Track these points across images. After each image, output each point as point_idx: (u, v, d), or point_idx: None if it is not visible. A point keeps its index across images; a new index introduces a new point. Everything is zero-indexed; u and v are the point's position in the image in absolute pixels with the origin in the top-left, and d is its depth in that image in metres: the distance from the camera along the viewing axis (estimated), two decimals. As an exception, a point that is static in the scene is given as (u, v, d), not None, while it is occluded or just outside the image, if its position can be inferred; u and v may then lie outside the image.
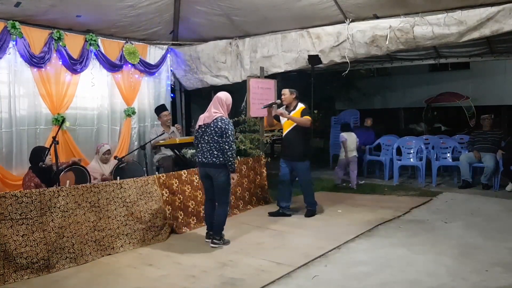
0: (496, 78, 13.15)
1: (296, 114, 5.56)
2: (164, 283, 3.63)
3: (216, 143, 4.40)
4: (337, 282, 3.58)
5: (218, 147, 4.40)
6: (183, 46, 8.21)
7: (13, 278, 3.64)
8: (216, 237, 4.52)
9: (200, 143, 4.53)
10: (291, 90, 5.69)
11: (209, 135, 4.44)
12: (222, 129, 4.37)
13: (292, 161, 5.66)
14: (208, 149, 4.44)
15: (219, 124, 4.40)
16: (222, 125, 4.38)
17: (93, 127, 6.88)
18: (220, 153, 4.40)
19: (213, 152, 4.42)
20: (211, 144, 4.43)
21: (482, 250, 4.22)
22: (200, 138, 4.53)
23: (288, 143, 5.68)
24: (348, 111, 11.54)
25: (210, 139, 4.43)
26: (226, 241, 4.62)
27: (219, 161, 4.40)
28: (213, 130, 4.41)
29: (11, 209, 3.69)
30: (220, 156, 4.40)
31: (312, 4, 6.52)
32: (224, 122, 4.42)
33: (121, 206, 4.50)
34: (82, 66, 6.59)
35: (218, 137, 4.39)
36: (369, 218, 5.42)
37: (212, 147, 4.42)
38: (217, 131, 4.39)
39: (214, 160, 4.41)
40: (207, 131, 4.46)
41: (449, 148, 7.98)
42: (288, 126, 5.64)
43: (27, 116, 6.05)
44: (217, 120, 4.43)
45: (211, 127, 4.44)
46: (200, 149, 4.53)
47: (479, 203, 6.29)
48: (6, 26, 5.68)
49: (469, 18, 5.83)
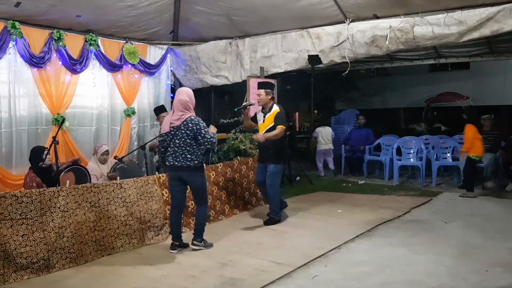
0: (496, 78, 13.14)
1: (271, 117, 5.27)
2: (164, 283, 3.63)
3: (189, 146, 4.25)
4: (337, 282, 3.58)
5: (192, 150, 4.26)
6: (183, 46, 8.21)
7: (13, 278, 3.63)
8: (197, 238, 4.39)
9: (170, 147, 4.32)
10: (267, 90, 5.32)
11: (180, 138, 4.26)
12: (194, 130, 4.22)
13: (265, 163, 5.37)
14: (180, 153, 4.26)
15: (189, 126, 4.23)
16: (193, 127, 4.22)
17: (93, 127, 6.89)
18: (193, 156, 4.26)
19: (186, 156, 4.25)
20: (183, 148, 4.26)
21: (482, 250, 4.22)
22: (170, 142, 4.33)
23: (262, 146, 5.39)
24: (348, 111, 11.54)
25: (182, 142, 4.25)
26: (208, 244, 4.45)
27: (193, 164, 4.26)
28: (185, 133, 4.24)
29: (11, 209, 3.69)
30: (194, 159, 4.26)
31: (312, 4, 6.53)
32: (194, 123, 4.24)
33: (121, 206, 4.50)
34: (82, 66, 6.60)
35: (191, 139, 4.24)
36: (369, 218, 5.42)
37: (185, 151, 4.25)
38: (189, 134, 4.23)
39: (188, 163, 4.25)
40: (177, 134, 4.27)
41: (449, 148, 7.98)
42: (263, 129, 5.33)
43: (27, 116, 6.06)
44: (187, 122, 4.24)
45: (181, 130, 4.25)
46: (171, 152, 4.32)
47: (479, 203, 6.29)
48: (6, 26, 5.68)
49: (469, 18, 5.83)
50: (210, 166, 5.76)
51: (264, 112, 5.38)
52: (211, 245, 4.47)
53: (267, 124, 5.29)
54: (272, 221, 5.32)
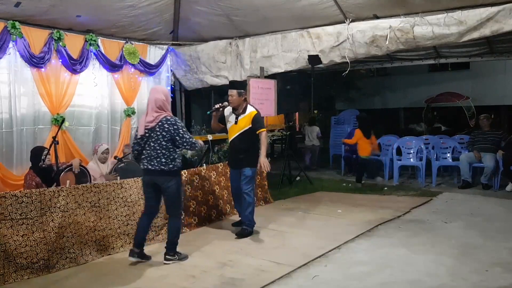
0: (496, 78, 13.16)
1: (246, 119, 4.87)
2: (164, 283, 3.63)
3: (165, 148, 3.94)
4: (337, 282, 3.58)
5: (167, 154, 3.95)
6: (183, 46, 8.21)
7: (13, 278, 3.64)
8: (169, 253, 4.07)
9: (146, 149, 4.02)
10: (239, 91, 4.89)
11: (155, 141, 3.96)
12: (171, 131, 3.92)
13: (239, 168, 4.92)
14: (155, 156, 3.96)
15: (165, 127, 3.92)
16: (170, 128, 3.92)
17: (93, 127, 6.89)
18: (169, 160, 3.96)
19: (160, 160, 3.95)
20: (158, 151, 3.95)
21: (482, 250, 4.22)
22: (145, 145, 4.02)
23: (237, 149, 4.94)
24: (348, 111, 11.54)
25: (157, 145, 3.95)
26: (183, 256, 4.13)
27: (168, 168, 3.95)
28: (160, 135, 3.93)
29: (11, 209, 3.68)
30: (169, 164, 3.96)
31: (312, 4, 6.53)
32: (170, 123, 3.94)
33: (122, 206, 4.49)
34: (82, 66, 6.60)
35: (167, 142, 3.94)
36: (369, 218, 5.42)
37: (160, 154, 3.95)
38: (165, 136, 3.93)
39: (162, 167, 3.94)
40: (152, 136, 3.97)
41: (449, 148, 7.98)
42: (236, 131, 4.91)
43: (27, 116, 6.05)
44: (162, 122, 3.94)
45: (156, 131, 3.95)
46: (145, 155, 4.03)
47: (479, 203, 6.29)
48: (6, 26, 5.68)
49: (469, 18, 5.83)
50: (211, 166, 5.76)
51: (236, 114, 4.93)
52: (186, 257, 4.15)
53: (241, 126, 4.88)
54: (246, 232, 4.84)
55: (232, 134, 4.98)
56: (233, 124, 4.96)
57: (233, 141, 4.99)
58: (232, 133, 4.98)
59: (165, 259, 4.07)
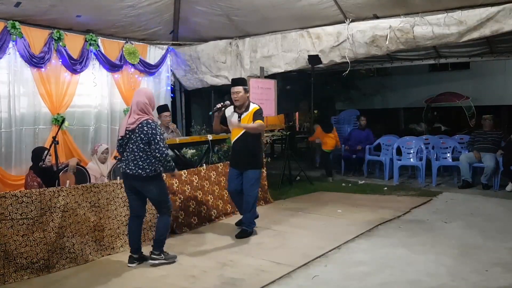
0: (496, 78, 13.14)
1: (248, 116, 4.76)
2: (164, 283, 3.63)
3: (142, 151, 3.83)
4: (337, 282, 3.58)
5: (145, 157, 3.84)
6: (183, 46, 8.21)
7: (13, 278, 3.64)
8: (155, 251, 3.97)
9: (126, 152, 3.94)
10: (245, 87, 4.80)
11: (134, 143, 3.86)
12: (149, 135, 3.80)
13: (243, 169, 4.83)
14: (132, 159, 3.85)
15: (144, 129, 3.81)
16: (148, 131, 3.80)
17: (93, 127, 6.89)
18: (145, 163, 3.84)
19: (138, 163, 3.84)
20: (135, 153, 3.85)
21: (482, 250, 4.22)
22: (125, 146, 3.95)
23: (240, 149, 4.82)
24: (348, 111, 11.55)
25: (135, 147, 3.85)
26: (170, 256, 4.05)
27: (145, 172, 3.84)
28: (139, 137, 3.83)
29: (11, 209, 3.68)
30: (147, 168, 3.84)
31: (312, 4, 6.53)
32: (150, 127, 3.82)
33: (121, 206, 4.49)
34: (82, 66, 6.60)
35: (145, 144, 3.83)
36: (369, 218, 5.42)
37: (137, 157, 3.84)
38: (143, 138, 3.82)
39: (140, 172, 3.83)
40: (132, 137, 3.87)
41: (449, 148, 7.98)
42: (240, 131, 4.78)
43: (26, 116, 6.05)
44: (143, 125, 3.83)
45: (136, 133, 3.84)
46: (124, 158, 3.94)
47: (479, 203, 6.29)
48: (6, 26, 5.68)
49: (469, 18, 5.83)
50: (210, 166, 5.75)
51: (239, 112, 4.83)
52: (173, 257, 4.07)
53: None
54: (246, 233, 4.81)
55: (235, 134, 4.85)
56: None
57: (236, 141, 4.85)
58: (235, 133, 4.85)
59: (150, 258, 3.98)
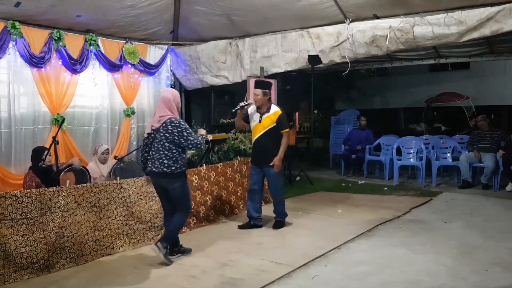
0: (496, 78, 13.15)
1: (270, 118, 4.98)
2: (164, 283, 3.63)
3: (168, 150, 3.95)
4: (337, 282, 3.58)
5: (170, 155, 3.96)
6: (183, 46, 8.21)
7: (13, 278, 3.64)
8: (163, 242, 3.98)
9: (152, 151, 4.06)
10: (264, 90, 4.99)
11: (159, 142, 3.98)
12: (174, 134, 3.93)
13: (265, 167, 5.03)
14: (158, 158, 3.97)
15: (169, 128, 3.94)
16: (173, 130, 3.93)
17: (93, 127, 6.89)
18: (171, 161, 3.95)
19: (163, 161, 3.95)
20: (161, 152, 3.96)
21: (482, 250, 4.22)
22: (151, 145, 4.08)
23: (261, 148, 5.04)
24: (348, 111, 11.55)
25: (160, 146, 3.97)
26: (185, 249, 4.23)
27: (171, 170, 3.94)
28: (163, 136, 3.96)
29: (11, 209, 3.68)
30: (172, 165, 3.95)
31: (312, 4, 6.52)
32: (174, 125, 3.95)
33: (121, 206, 4.50)
34: (82, 66, 6.59)
35: (170, 143, 3.95)
36: (369, 218, 5.42)
37: (162, 156, 3.95)
38: (168, 137, 3.94)
39: (165, 170, 3.94)
40: (156, 137, 4.01)
41: (449, 148, 7.98)
42: (260, 130, 5.01)
43: (26, 116, 6.05)
44: (166, 124, 3.96)
45: (160, 133, 3.98)
46: (151, 157, 4.06)
47: (479, 203, 6.29)
48: (6, 26, 5.68)
49: (469, 18, 5.83)
50: (210, 166, 5.76)
51: (260, 112, 5.05)
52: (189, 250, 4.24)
53: (266, 125, 4.99)
54: (281, 224, 5.16)
55: (256, 133, 5.07)
56: (257, 123, 5.05)
57: (257, 140, 5.08)
58: (256, 132, 5.08)
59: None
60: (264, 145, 5.01)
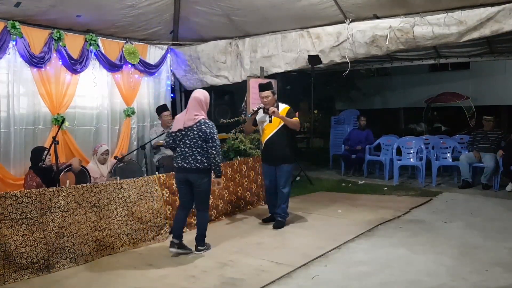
0: (496, 78, 13.15)
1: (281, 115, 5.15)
2: (164, 283, 3.63)
3: (200, 147, 4.18)
4: (337, 282, 3.58)
5: (202, 152, 4.19)
6: (183, 46, 8.21)
7: (13, 278, 3.63)
8: (199, 247, 4.33)
9: (180, 147, 4.26)
10: (273, 90, 5.23)
11: (191, 139, 4.19)
12: (207, 133, 4.16)
13: (277, 165, 5.21)
14: (190, 154, 4.19)
15: (203, 128, 4.18)
16: (206, 130, 4.17)
17: (93, 127, 6.89)
18: (204, 158, 4.19)
19: (196, 157, 4.18)
20: (193, 149, 4.18)
21: (482, 250, 4.22)
22: (180, 142, 4.26)
23: (273, 147, 5.20)
24: (348, 111, 11.56)
25: (192, 143, 4.18)
26: (208, 245, 4.46)
27: (203, 166, 4.19)
28: (197, 134, 4.17)
29: (11, 209, 3.68)
30: (204, 161, 4.19)
31: (312, 4, 6.52)
32: (208, 126, 4.20)
33: (121, 206, 4.49)
34: (82, 66, 6.59)
35: (202, 141, 4.18)
36: (369, 218, 5.42)
37: (195, 152, 4.18)
38: (201, 136, 4.17)
39: (197, 165, 4.18)
40: (188, 134, 4.21)
41: (449, 148, 7.98)
42: (272, 129, 5.20)
43: (26, 116, 6.05)
44: (201, 123, 4.19)
45: (193, 131, 4.19)
46: (179, 153, 4.26)
47: (479, 203, 6.29)
48: (6, 26, 5.68)
49: (469, 18, 5.83)
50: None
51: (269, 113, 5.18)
52: (209, 246, 4.47)
53: (277, 124, 5.16)
54: (282, 224, 5.20)
55: (268, 132, 5.24)
56: (267, 123, 5.20)
57: (269, 139, 5.23)
58: (267, 131, 5.24)
59: (196, 250, 4.33)
60: (277, 143, 5.17)
